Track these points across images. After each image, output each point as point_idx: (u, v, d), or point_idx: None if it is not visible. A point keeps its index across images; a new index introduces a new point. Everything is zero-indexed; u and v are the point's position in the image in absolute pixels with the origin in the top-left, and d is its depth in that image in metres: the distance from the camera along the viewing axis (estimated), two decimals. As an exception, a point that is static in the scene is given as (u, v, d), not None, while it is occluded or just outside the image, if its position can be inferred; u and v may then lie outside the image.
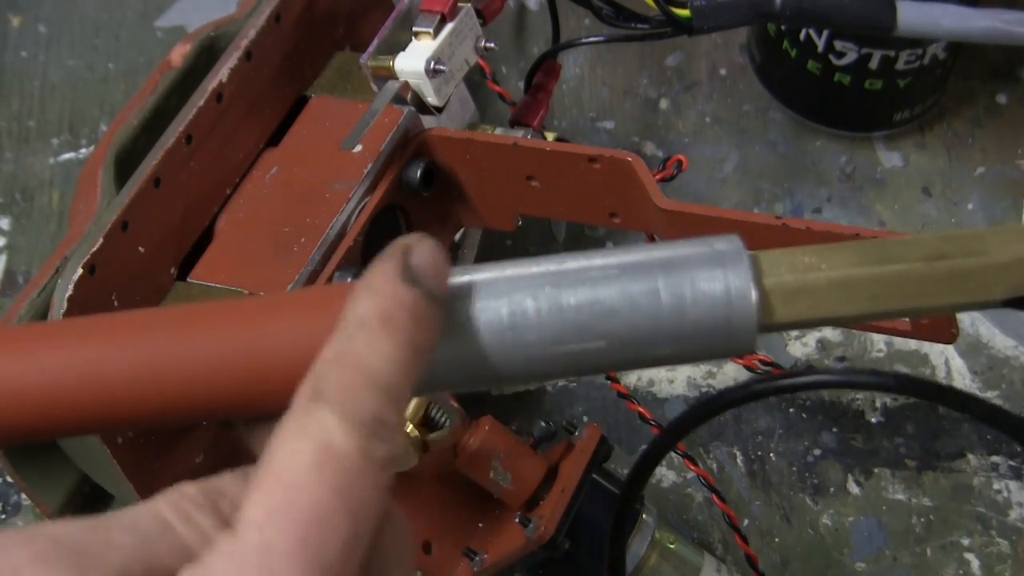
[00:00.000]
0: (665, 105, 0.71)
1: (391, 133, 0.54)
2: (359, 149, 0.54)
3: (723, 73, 0.72)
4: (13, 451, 0.53)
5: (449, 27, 0.56)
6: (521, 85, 0.64)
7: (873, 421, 0.61)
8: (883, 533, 0.58)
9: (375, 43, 0.55)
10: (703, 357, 0.33)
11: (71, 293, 0.48)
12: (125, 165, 0.53)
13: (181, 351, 0.30)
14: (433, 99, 0.56)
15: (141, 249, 0.51)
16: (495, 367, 0.31)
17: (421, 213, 0.56)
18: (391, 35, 0.56)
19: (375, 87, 0.56)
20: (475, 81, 0.63)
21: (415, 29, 0.55)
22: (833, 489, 0.59)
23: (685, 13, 0.56)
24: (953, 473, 0.59)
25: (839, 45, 0.64)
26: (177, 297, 0.53)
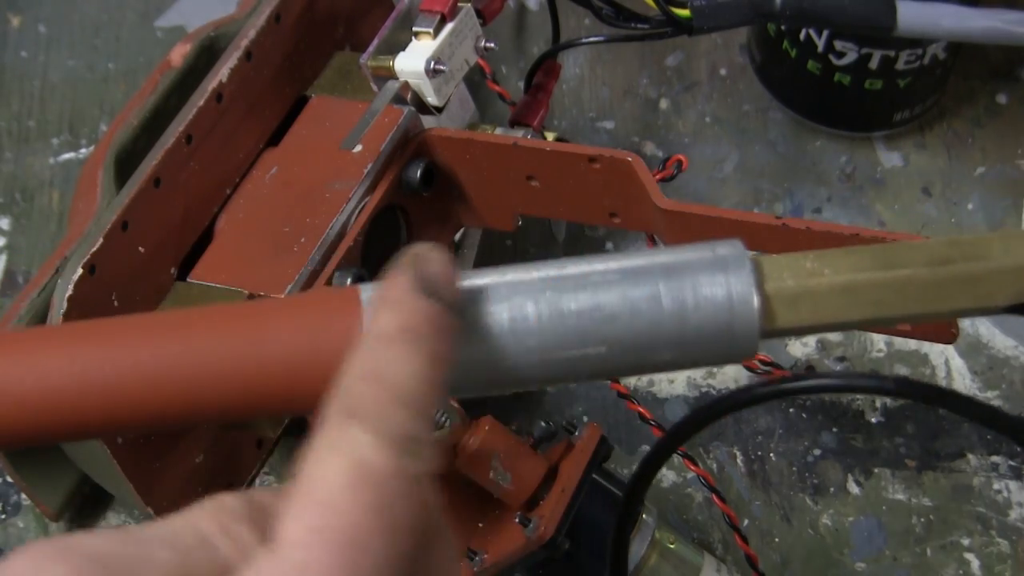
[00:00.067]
0: (665, 105, 0.71)
1: (391, 133, 0.54)
2: (359, 149, 0.54)
3: (723, 73, 0.72)
4: (13, 451, 0.53)
5: (449, 27, 0.56)
6: (521, 85, 0.64)
7: (873, 421, 0.61)
8: (883, 533, 0.58)
9: (375, 43, 0.55)
10: (705, 363, 0.33)
11: (71, 293, 0.48)
12: (125, 165, 0.53)
13: (180, 356, 0.30)
14: (433, 99, 0.56)
15: (141, 249, 0.51)
16: (495, 373, 0.31)
17: (421, 213, 0.56)
18: (391, 35, 0.56)
19: (375, 87, 0.56)
20: (475, 81, 0.63)
21: (415, 29, 0.55)
22: (833, 489, 0.59)
23: (685, 13, 0.56)
24: (953, 473, 0.59)
25: (839, 45, 0.64)
26: (177, 297, 0.53)
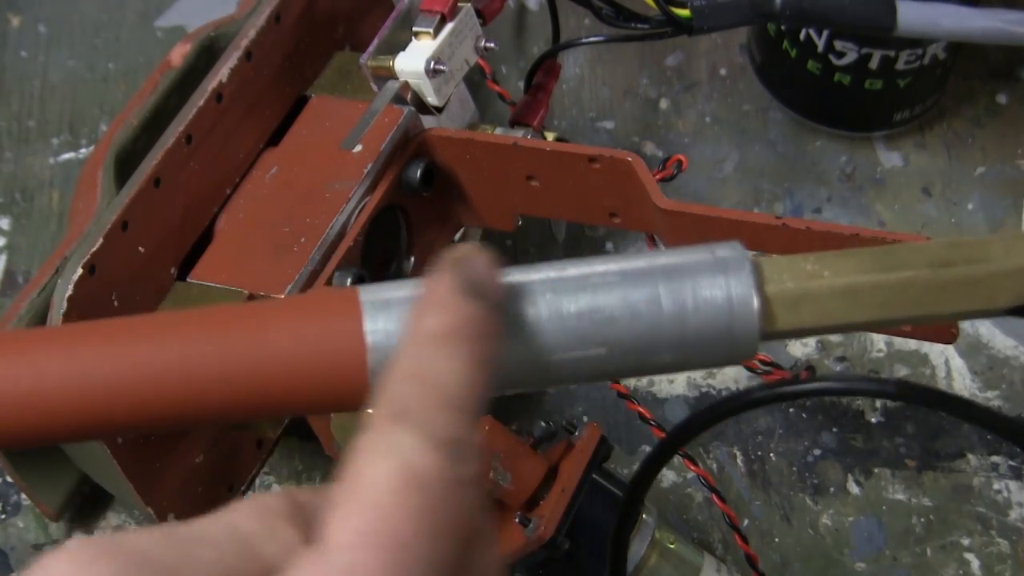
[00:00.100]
0: (665, 105, 0.71)
1: (391, 133, 0.54)
2: (359, 149, 0.54)
3: (723, 73, 0.72)
4: (13, 451, 0.53)
5: (449, 27, 0.56)
6: (521, 85, 0.64)
7: (873, 421, 0.61)
8: (883, 533, 0.58)
9: (375, 43, 0.55)
10: (705, 364, 0.33)
11: (71, 293, 0.48)
12: (125, 165, 0.53)
13: (178, 358, 0.30)
14: (433, 99, 0.56)
15: (141, 249, 0.51)
16: (495, 374, 0.31)
17: (421, 213, 0.56)
18: (391, 35, 0.56)
19: (375, 87, 0.56)
20: (475, 81, 0.63)
21: (415, 29, 0.55)
22: (833, 489, 0.59)
23: (685, 13, 0.56)
24: (953, 473, 0.59)
25: (839, 45, 0.64)
26: (177, 297, 0.53)
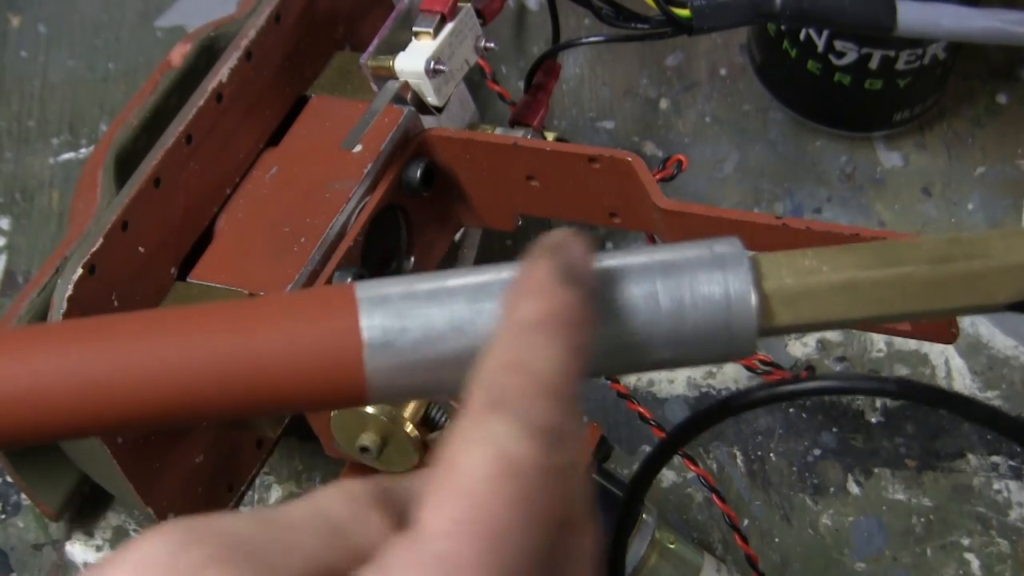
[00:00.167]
0: (665, 105, 0.71)
1: (391, 133, 0.54)
2: (359, 149, 0.54)
3: (723, 73, 0.72)
4: (13, 451, 0.53)
5: (449, 27, 0.56)
6: (521, 85, 0.64)
7: (873, 421, 0.61)
8: (883, 533, 0.58)
9: (375, 43, 0.55)
10: (703, 361, 0.33)
11: (71, 293, 0.48)
12: (125, 165, 0.53)
13: (175, 354, 0.30)
14: (433, 99, 0.56)
15: (141, 249, 0.51)
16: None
17: (421, 213, 0.56)
18: (391, 35, 0.56)
19: (375, 87, 0.56)
20: (475, 81, 0.63)
21: (415, 29, 0.55)
22: (833, 489, 0.59)
23: (685, 13, 0.56)
24: (953, 473, 0.59)
25: (839, 45, 0.64)
26: (177, 297, 0.53)
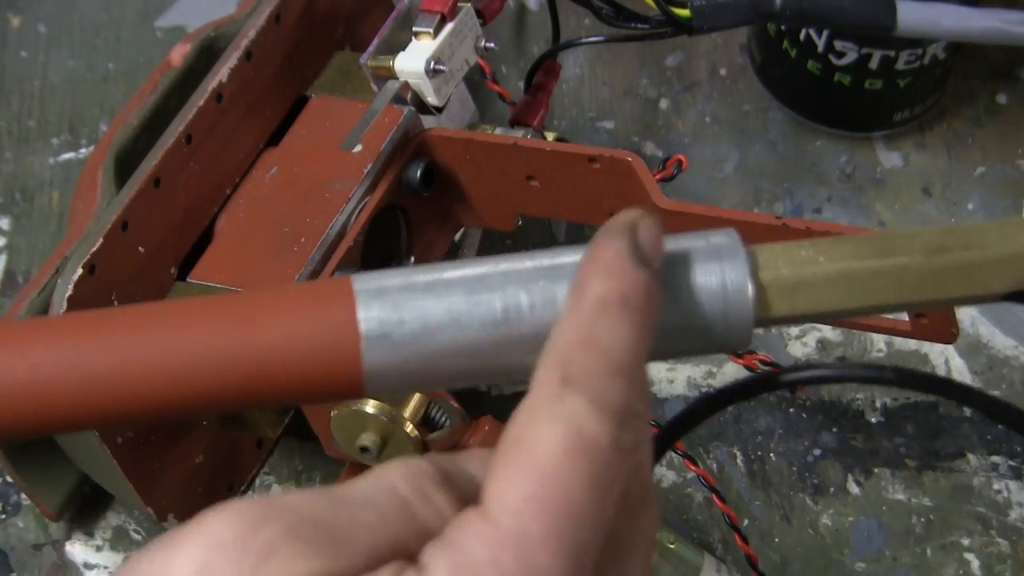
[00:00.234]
0: (665, 105, 0.71)
1: (391, 133, 0.54)
2: (359, 149, 0.54)
3: (723, 73, 0.72)
4: (13, 451, 0.53)
5: (449, 27, 0.56)
6: (521, 85, 0.64)
7: (873, 421, 0.61)
8: (883, 533, 0.58)
9: (375, 43, 0.55)
10: (700, 351, 0.33)
11: (71, 293, 0.48)
12: (125, 165, 0.53)
13: (172, 346, 0.30)
14: (433, 99, 0.56)
15: (141, 249, 0.51)
16: (490, 360, 0.31)
17: (421, 213, 0.56)
18: (391, 35, 0.56)
19: (375, 87, 0.56)
20: (475, 81, 0.63)
21: (415, 29, 0.55)
22: (833, 489, 0.59)
23: (685, 13, 0.56)
24: (953, 473, 0.59)
25: (839, 45, 0.64)
26: (177, 297, 0.53)
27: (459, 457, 0.30)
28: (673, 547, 0.53)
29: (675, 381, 0.62)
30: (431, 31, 0.55)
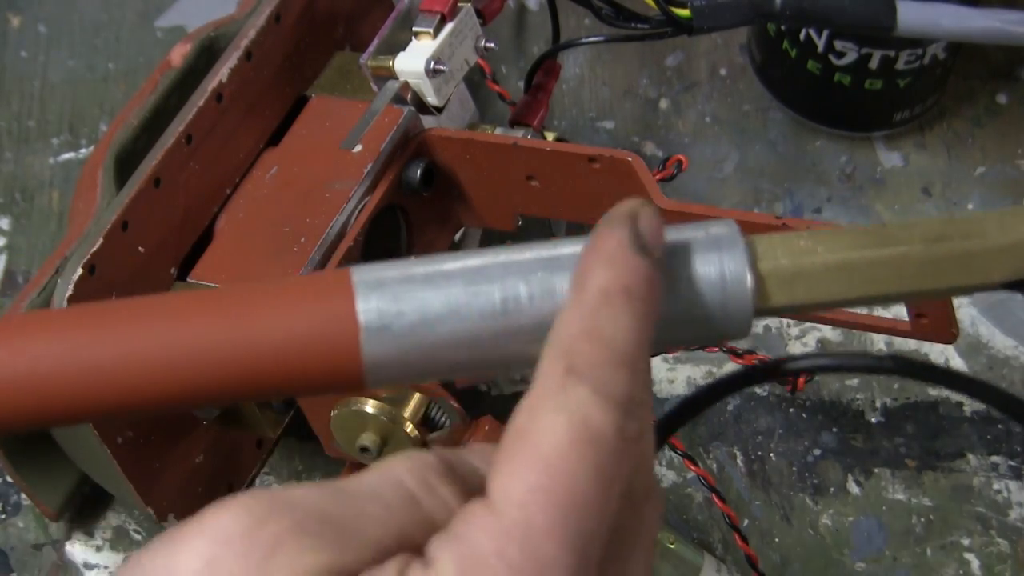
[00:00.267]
0: (665, 105, 0.71)
1: (391, 133, 0.54)
2: (359, 149, 0.54)
3: (723, 73, 0.72)
4: (13, 451, 0.53)
5: (449, 27, 0.56)
6: (521, 85, 0.64)
7: (873, 421, 0.61)
8: (883, 533, 0.58)
9: (375, 43, 0.55)
10: (698, 341, 0.33)
11: (71, 293, 0.48)
12: (125, 165, 0.53)
13: (170, 339, 0.30)
14: (433, 99, 0.56)
15: (141, 249, 0.51)
16: (489, 351, 0.31)
17: (421, 213, 0.56)
18: (391, 35, 0.56)
19: (375, 87, 0.56)
20: (475, 81, 0.63)
21: (415, 29, 0.55)
22: (833, 489, 0.59)
23: (685, 13, 0.56)
24: (953, 473, 0.59)
25: (839, 45, 0.64)
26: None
27: (464, 451, 0.30)
28: (673, 547, 0.53)
29: (675, 381, 0.62)
30: (431, 31, 0.55)
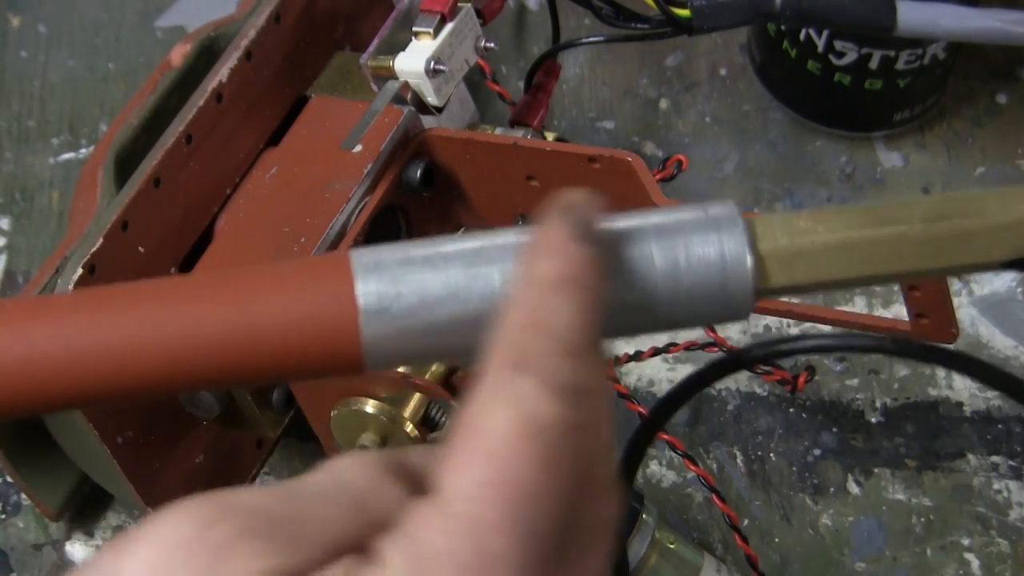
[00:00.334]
0: (665, 105, 0.71)
1: (391, 133, 0.54)
2: (359, 149, 0.54)
3: (723, 73, 0.72)
4: (13, 451, 0.53)
5: (449, 27, 0.56)
6: (521, 85, 0.64)
7: (873, 421, 0.61)
8: (883, 533, 0.58)
9: (375, 43, 0.55)
10: (701, 322, 0.33)
11: (71, 293, 0.48)
12: (125, 165, 0.53)
13: (170, 323, 0.30)
14: (433, 99, 0.56)
15: (141, 249, 0.51)
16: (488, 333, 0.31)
17: (421, 213, 0.56)
18: (391, 35, 0.56)
19: (375, 87, 0.56)
20: (475, 81, 0.63)
21: (415, 29, 0.55)
22: (833, 489, 0.59)
23: (685, 13, 0.56)
24: (953, 473, 0.59)
25: (839, 45, 0.64)
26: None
27: (412, 449, 0.30)
28: (673, 547, 0.53)
29: (676, 381, 0.62)
30: (431, 31, 0.55)
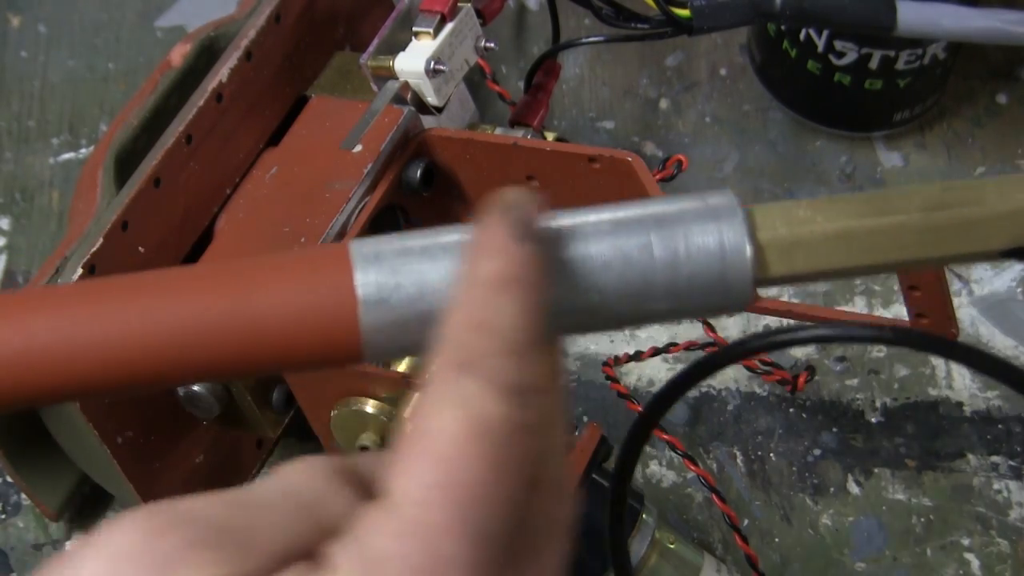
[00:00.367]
0: (665, 105, 0.71)
1: (391, 133, 0.54)
2: (359, 149, 0.54)
3: (723, 73, 0.72)
4: (13, 451, 0.53)
5: (449, 27, 0.56)
6: (521, 85, 0.64)
7: (873, 421, 0.61)
8: (883, 533, 0.58)
9: (375, 43, 0.55)
10: (701, 313, 0.33)
11: (71, 293, 0.48)
12: (125, 165, 0.53)
13: (169, 314, 0.30)
14: (433, 99, 0.56)
15: (141, 249, 0.51)
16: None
17: (421, 213, 0.56)
18: (391, 35, 0.56)
19: (375, 87, 0.56)
20: (475, 81, 0.63)
21: (415, 29, 0.55)
22: (833, 489, 0.59)
23: (685, 13, 0.56)
24: (953, 473, 0.59)
25: (839, 45, 0.64)
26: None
27: (362, 454, 0.30)
28: (673, 547, 0.53)
29: (675, 381, 0.62)
30: (431, 31, 0.55)
